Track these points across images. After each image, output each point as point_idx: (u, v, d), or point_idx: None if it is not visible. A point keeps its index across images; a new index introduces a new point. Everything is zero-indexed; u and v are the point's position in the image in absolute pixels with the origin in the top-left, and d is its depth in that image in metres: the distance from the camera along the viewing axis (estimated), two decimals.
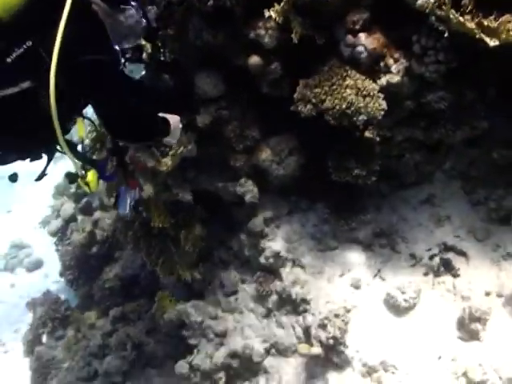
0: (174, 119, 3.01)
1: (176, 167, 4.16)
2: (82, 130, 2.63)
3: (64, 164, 8.55)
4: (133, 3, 2.71)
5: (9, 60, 2.27)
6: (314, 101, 3.60)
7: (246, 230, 4.49)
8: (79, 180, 2.68)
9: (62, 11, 2.30)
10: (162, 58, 4.02)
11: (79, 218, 6.51)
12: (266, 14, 3.43)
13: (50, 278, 8.04)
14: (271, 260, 4.34)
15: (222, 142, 4.28)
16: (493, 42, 2.95)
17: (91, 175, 2.65)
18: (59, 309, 6.76)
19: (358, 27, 3.49)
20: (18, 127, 2.44)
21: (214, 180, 4.49)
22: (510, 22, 2.94)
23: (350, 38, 3.50)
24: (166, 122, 2.94)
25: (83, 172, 2.64)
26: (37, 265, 8.97)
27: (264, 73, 3.82)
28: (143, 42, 3.40)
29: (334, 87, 3.55)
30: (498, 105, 3.72)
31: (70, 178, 2.75)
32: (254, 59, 3.72)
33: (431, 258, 4.07)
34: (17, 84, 2.31)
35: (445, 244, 4.09)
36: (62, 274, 7.05)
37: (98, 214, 6.18)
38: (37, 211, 8.71)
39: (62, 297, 7.12)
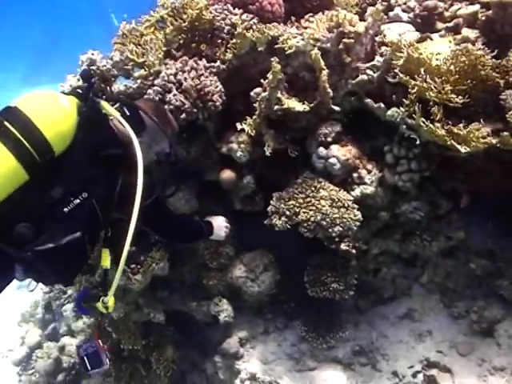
0: (217, 221, 3.55)
1: (147, 286, 4.04)
2: (106, 260, 2.74)
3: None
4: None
5: (66, 210, 2.31)
6: (288, 213, 3.57)
7: (221, 351, 4.29)
8: (99, 302, 2.68)
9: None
10: None
11: (45, 345, 6.19)
12: (239, 127, 3.50)
13: None
14: (247, 383, 4.11)
15: (196, 260, 4.20)
16: (464, 149, 3.00)
17: (111, 300, 2.67)
18: None
19: (329, 139, 3.56)
20: (60, 268, 2.48)
21: (187, 299, 4.33)
22: (478, 129, 3.01)
23: (322, 150, 3.56)
24: (209, 223, 3.47)
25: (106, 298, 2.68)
26: None
27: (237, 187, 3.83)
28: None
29: (308, 199, 3.55)
30: (473, 214, 3.75)
31: (88, 298, 2.78)
32: (227, 174, 3.73)
33: (414, 375, 3.90)
34: (70, 235, 2.35)
35: (427, 360, 3.93)
36: None
37: (64, 340, 5.87)
38: None
39: None
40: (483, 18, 3.51)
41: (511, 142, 3.00)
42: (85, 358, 2.77)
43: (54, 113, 2.30)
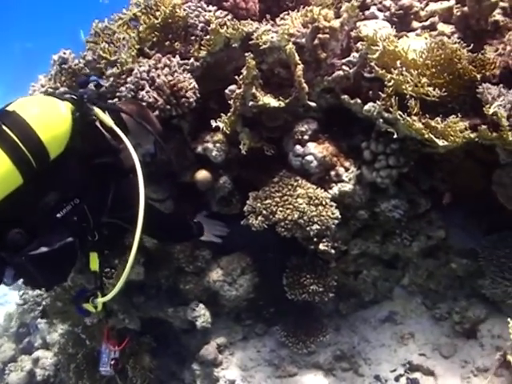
0: (209, 223, 3.69)
1: (122, 291, 3.92)
2: (94, 263, 2.84)
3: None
4: None
5: (58, 215, 2.35)
6: (264, 213, 3.50)
7: (199, 358, 4.15)
8: (89, 302, 2.81)
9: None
10: None
11: (19, 358, 6.04)
12: (214, 124, 3.42)
13: None
14: None
15: (172, 264, 4.09)
16: (442, 143, 2.95)
17: (101, 302, 2.81)
18: None
19: (306, 137, 3.50)
20: (51, 272, 2.52)
21: (163, 305, 4.22)
22: (456, 123, 2.96)
23: (298, 148, 3.49)
24: (199, 224, 3.58)
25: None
26: None
27: (213, 189, 3.75)
28: None
29: (285, 198, 3.47)
30: (454, 213, 3.70)
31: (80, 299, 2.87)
32: (202, 174, 3.65)
33: (397, 378, 3.80)
34: (62, 240, 2.39)
35: (410, 363, 3.84)
36: None
37: (38, 353, 5.73)
38: None
39: None
40: (458, 14, 3.49)
41: (489, 136, 2.93)
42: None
43: (51, 117, 2.31)
